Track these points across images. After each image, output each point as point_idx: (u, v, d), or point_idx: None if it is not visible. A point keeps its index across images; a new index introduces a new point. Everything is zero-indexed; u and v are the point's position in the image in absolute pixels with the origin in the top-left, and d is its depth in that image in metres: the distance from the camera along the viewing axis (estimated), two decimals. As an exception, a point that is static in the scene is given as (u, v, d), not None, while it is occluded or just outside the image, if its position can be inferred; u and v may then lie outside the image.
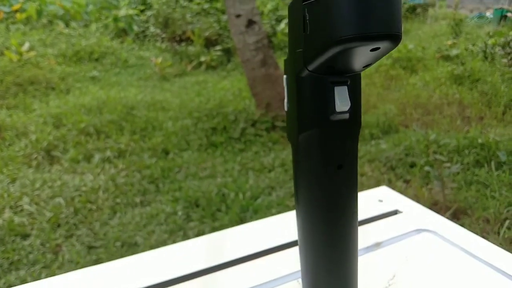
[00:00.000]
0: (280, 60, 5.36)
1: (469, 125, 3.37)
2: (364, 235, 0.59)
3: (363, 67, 0.33)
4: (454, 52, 5.33)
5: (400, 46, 6.00)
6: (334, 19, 0.29)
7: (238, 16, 3.11)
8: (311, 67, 0.33)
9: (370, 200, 0.70)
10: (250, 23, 3.13)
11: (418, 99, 4.05)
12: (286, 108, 0.37)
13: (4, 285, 1.77)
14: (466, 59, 5.15)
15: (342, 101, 0.33)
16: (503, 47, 4.98)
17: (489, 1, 11.16)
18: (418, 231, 0.60)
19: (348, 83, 0.34)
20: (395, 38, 0.29)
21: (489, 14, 9.96)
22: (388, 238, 0.58)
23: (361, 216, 0.63)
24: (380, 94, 4.47)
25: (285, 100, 0.37)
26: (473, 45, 5.55)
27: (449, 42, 5.70)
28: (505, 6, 9.66)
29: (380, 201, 0.69)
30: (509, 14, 7.66)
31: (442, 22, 9.26)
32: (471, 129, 3.13)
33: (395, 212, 0.67)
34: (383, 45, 0.29)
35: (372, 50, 0.30)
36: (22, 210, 2.28)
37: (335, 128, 0.34)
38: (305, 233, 0.38)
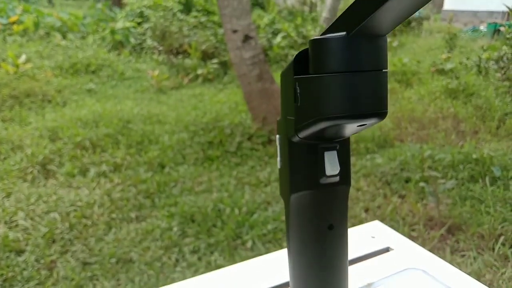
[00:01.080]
0: (276, 74, 5.39)
1: (464, 140, 3.39)
2: (356, 275, 0.59)
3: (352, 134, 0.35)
4: (448, 66, 5.39)
5: (395, 60, 6.05)
6: (323, 98, 0.30)
7: (234, 31, 3.14)
8: (302, 135, 0.34)
9: (363, 236, 0.70)
10: (247, 38, 3.16)
11: (413, 113, 4.08)
12: (279, 166, 0.38)
13: (-2, 303, 1.76)
14: (461, 73, 5.20)
15: (332, 166, 0.35)
16: (497, 61, 5.04)
17: (482, 15, 11.30)
18: (410, 269, 0.61)
19: (338, 148, 0.35)
20: (382, 115, 0.31)
21: (483, 27, 10.09)
22: (380, 278, 0.58)
23: (353, 254, 0.64)
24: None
25: (278, 158, 0.38)
26: (467, 59, 5.61)
27: (444, 56, 5.76)
28: (498, 21, 9.78)
29: (373, 237, 0.70)
30: (502, 28, 7.74)
31: (437, 35, 9.37)
32: (466, 144, 3.15)
33: (387, 250, 0.67)
34: (370, 121, 0.30)
35: (360, 125, 0.31)
36: (17, 225, 2.27)
37: (325, 190, 0.36)
38: (296, 278, 0.39)
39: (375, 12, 0.26)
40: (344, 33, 0.29)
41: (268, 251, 2.03)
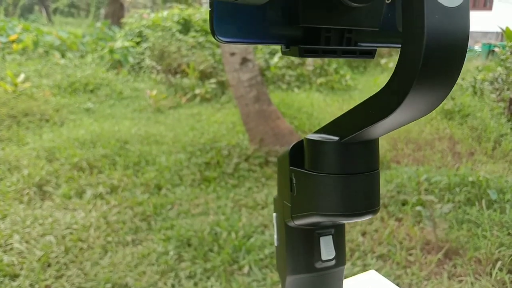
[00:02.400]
0: (274, 94, 5.43)
1: (460, 161, 3.41)
2: None
3: None
4: (444, 86, 5.43)
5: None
6: (319, 196, 0.31)
7: (232, 54, 3.18)
8: (298, 222, 0.35)
9: None
10: (244, 60, 3.20)
11: (409, 134, 4.11)
12: (276, 243, 0.39)
13: (-9, 330, 1.74)
14: (456, 94, 5.25)
15: (327, 251, 0.36)
16: (492, 82, 5.10)
17: (477, 35, 11.46)
18: None
19: (333, 233, 0.36)
20: (375, 212, 0.32)
21: (477, 47, 10.22)
22: None
23: None
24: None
25: (275, 236, 0.39)
26: (463, 79, 5.67)
27: (439, 77, 5.82)
28: (492, 41, 9.92)
29: None
30: (496, 49, 7.85)
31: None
32: (462, 166, 3.17)
33: None
34: (364, 218, 0.32)
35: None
36: (11, 249, 2.25)
37: (321, 273, 0.37)
38: None
39: (369, 126, 0.27)
40: (337, 138, 0.30)
41: (265, 276, 2.02)
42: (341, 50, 0.35)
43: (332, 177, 0.30)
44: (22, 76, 5.24)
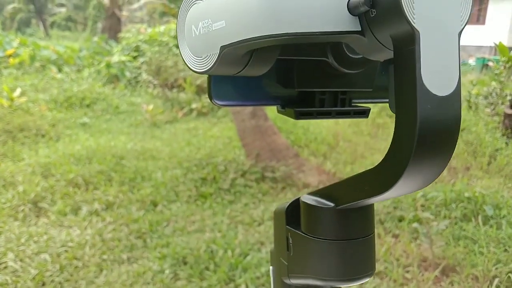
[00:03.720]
0: (270, 108, 5.45)
1: (456, 176, 3.42)
2: None
3: None
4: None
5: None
6: (315, 261, 0.32)
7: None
8: (294, 281, 0.36)
9: None
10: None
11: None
12: None
13: None
14: (451, 108, 5.28)
15: None
16: (486, 97, 5.14)
17: (471, 49, 11.59)
18: None
19: None
20: (370, 275, 0.33)
21: (471, 61, 10.33)
22: None
23: None
24: (368, 142, 4.55)
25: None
26: (457, 93, 5.71)
27: (434, 91, 5.86)
28: (486, 55, 10.03)
29: None
30: (490, 63, 7.94)
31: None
32: (458, 181, 3.17)
33: None
34: (360, 282, 0.33)
35: None
36: (6, 267, 2.22)
37: None
38: None
39: (365, 199, 0.28)
40: (333, 204, 0.31)
41: (261, 294, 2.01)
42: (336, 111, 0.37)
43: (328, 242, 0.31)
44: (18, 90, 5.24)
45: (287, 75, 0.35)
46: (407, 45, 0.26)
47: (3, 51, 7.55)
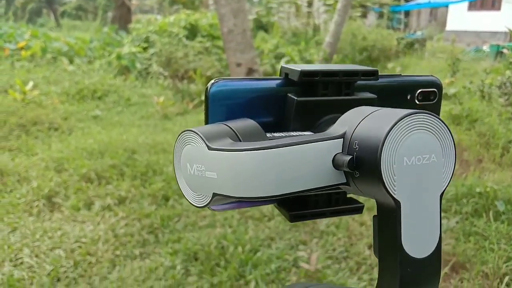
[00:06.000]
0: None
1: (468, 169, 3.40)
2: None
3: None
4: (451, 91, 5.42)
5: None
6: None
7: (238, 65, 3.20)
8: None
9: None
10: (250, 71, 3.21)
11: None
12: None
13: None
14: (464, 98, 5.23)
15: None
16: (500, 87, 5.06)
17: (485, 36, 11.38)
18: None
19: None
20: None
21: (485, 47, 10.15)
22: None
23: None
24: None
25: None
26: (471, 82, 5.64)
27: (447, 81, 5.79)
28: (501, 42, 9.84)
29: None
30: (505, 51, 7.80)
31: (440, 55, 9.42)
32: (469, 175, 3.15)
33: None
34: None
35: None
36: (22, 263, 2.28)
37: None
38: None
39: None
40: None
41: (271, 291, 2.03)
42: (330, 211, 0.38)
43: None
44: (30, 83, 5.30)
45: None
46: (388, 211, 0.27)
47: (15, 43, 7.62)
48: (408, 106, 0.38)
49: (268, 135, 0.32)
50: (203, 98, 5.65)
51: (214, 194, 0.29)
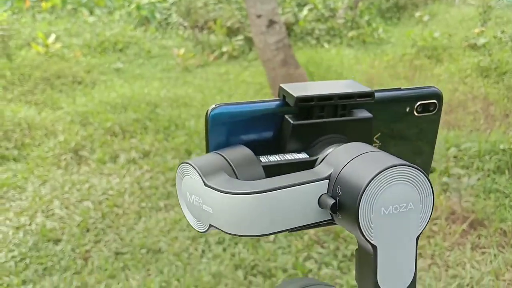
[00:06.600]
0: (302, 51, 5.33)
1: (493, 124, 3.33)
2: None
3: None
4: (481, 41, 5.19)
5: (425, 34, 5.85)
6: None
7: (259, 16, 3.12)
8: None
9: None
10: (271, 23, 3.14)
11: (442, 93, 3.99)
12: None
13: (39, 291, 1.91)
14: (494, 48, 5.01)
15: None
16: (533, 37, 4.82)
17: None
18: None
19: None
20: None
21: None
22: None
23: None
24: (403, 86, 4.42)
25: None
26: (502, 32, 5.37)
27: (477, 30, 5.54)
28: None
29: None
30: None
31: (471, 1, 8.94)
32: (494, 131, 3.09)
33: None
34: None
35: None
36: (53, 214, 2.41)
37: None
38: None
39: None
40: None
41: (289, 243, 2.10)
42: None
43: None
44: (52, 36, 5.31)
45: None
46: (366, 253, 0.29)
47: (36, -6, 7.57)
48: (407, 118, 0.39)
49: (263, 159, 0.33)
50: (224, 49, 5.60)
51: (211, 225, 0.32)
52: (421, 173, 0.29)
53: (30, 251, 2.11)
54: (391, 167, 0.28)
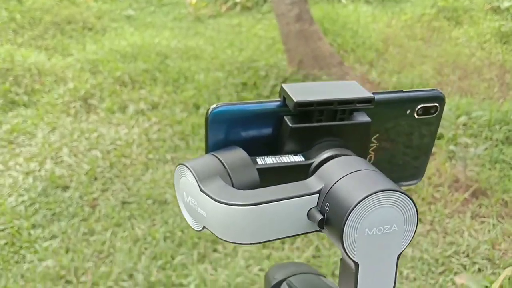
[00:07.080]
0: (318, 6, 5.17)
1: (507, 94, 3.26)
2: None
3: None
4: (505, 4, 4.98)
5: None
6: None
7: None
8: None
9: None
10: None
11: (458, 57, 3.90)
12: None
13: (49, 234, 1.98)
14: (517, 13, 4.82)
15: None
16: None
17: None
18: None
19: None
20: None
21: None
22: None
23: None
24: (419, 48, 4.31)
25: None
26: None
27: (501, -8, 5.30)
28: None
29: None
30: None
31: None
32: (507, 100, 3.04)
33: None
34: None
35: None
36: (62, 162, 2.46)
37: None
38: None
39: None
40: None
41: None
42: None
43: None
44: (63, -22, 5.19)
45: None
46: (348, 267, 0.31)
47: None
48: (407, 120, 0.38)
49: (259, 161, 0.34)
50: (237, 0, 5.45)
51: (204, 227, 0.33)
52: (407, 198, 0.30)
53: (39, 197, 2.18)
54: (379, 192, 0.29)
